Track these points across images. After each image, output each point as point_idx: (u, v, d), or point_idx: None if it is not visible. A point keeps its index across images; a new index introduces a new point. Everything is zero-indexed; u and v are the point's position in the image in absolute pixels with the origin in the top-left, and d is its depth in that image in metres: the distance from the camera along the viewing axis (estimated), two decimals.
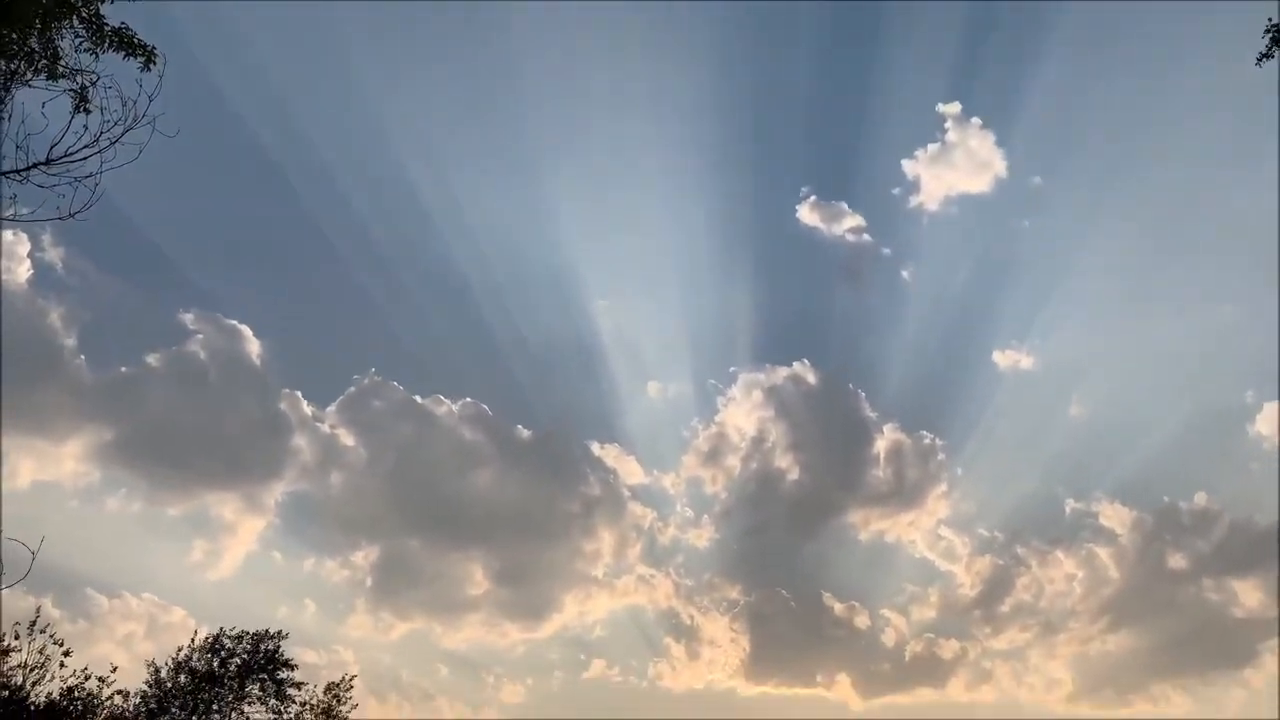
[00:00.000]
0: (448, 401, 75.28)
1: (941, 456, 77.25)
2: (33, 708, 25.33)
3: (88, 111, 15.87)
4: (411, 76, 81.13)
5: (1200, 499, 73.57)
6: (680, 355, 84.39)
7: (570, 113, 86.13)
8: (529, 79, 79.59)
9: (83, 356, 68.16)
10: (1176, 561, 71.53)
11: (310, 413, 72.85)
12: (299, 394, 72.53)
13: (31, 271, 64.49)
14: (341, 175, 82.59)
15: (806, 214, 79.18)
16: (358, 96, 78.85)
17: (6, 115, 14.85)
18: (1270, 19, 14.67)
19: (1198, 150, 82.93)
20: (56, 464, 66.82)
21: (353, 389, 75.90)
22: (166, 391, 70.36)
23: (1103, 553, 73.22)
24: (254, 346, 71.40)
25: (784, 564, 76.40)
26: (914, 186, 78.67)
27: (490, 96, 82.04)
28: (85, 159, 15.22)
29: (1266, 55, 15.32)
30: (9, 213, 14.94)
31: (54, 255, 68.26)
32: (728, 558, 75.76)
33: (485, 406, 76.71)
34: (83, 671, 27.52)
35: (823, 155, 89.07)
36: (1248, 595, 69.86)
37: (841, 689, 69.44)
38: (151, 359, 70.29)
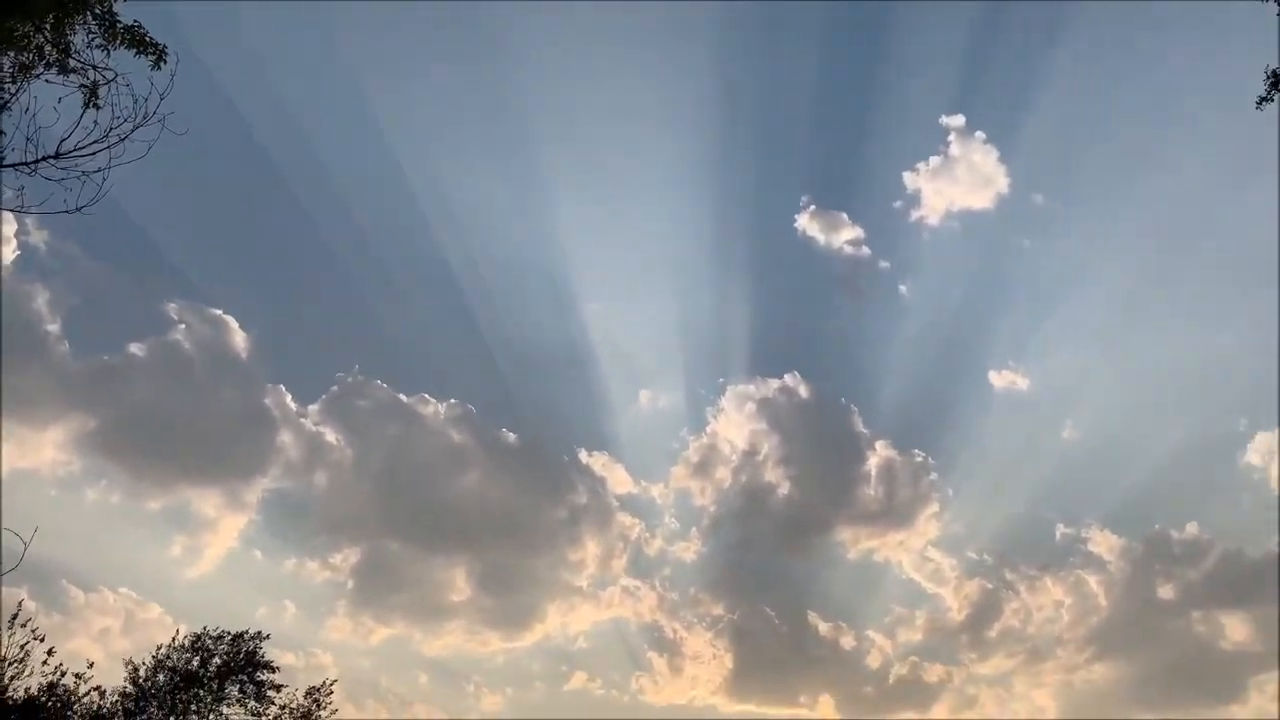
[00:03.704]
0: (434, 401, 75.15)
1: (933, 476, 77.06)
2: (10, 703, 25.09)
3: (98, 107, 15.96)
4: (408, 74, 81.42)
5: (1191, 529, 73.82)
6: (672, 363, 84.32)
7: (569, 114, 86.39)
8: (527, 79, 79.77)
9: (67, 343, 67.78)
10: (1165, 591, 71.77)
11: (294, 409, 72.64)
12: (283, 388, 72.29)
13: (17, 253, 64.11)
14: (335, 171, 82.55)
15: (805, 223, 79.08)
16: (354, 93, 78.97)
17: (21, 108, 14.89)
18: (1269, 65, 15.02)
19: (1199, 175, 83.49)
20: (36, 451, 66.26)
21: (337, 386, 75.77)
22: (150, 382, 70.13)
23: (1091, 580, 73.34)
24: (239, 339, 71.24)
25: (770, 580, 76.40)
26: (915, 200, 78.70)
27: (487, 96, 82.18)
28: (94, 154, 15.29)
29: (1266, 99, 15.68)
30: (16, 205, 14.98)
31: (38, 238, 67.86)
32: (714, 572, 75.73)
33: (471, 408, 76.59)
34: (59, 668, 27.32)
35: (824, 164, 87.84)
36: (1236, 629, 70.22)
37: (824, 710, 69.47)
38: (135, 348, 70.02)
